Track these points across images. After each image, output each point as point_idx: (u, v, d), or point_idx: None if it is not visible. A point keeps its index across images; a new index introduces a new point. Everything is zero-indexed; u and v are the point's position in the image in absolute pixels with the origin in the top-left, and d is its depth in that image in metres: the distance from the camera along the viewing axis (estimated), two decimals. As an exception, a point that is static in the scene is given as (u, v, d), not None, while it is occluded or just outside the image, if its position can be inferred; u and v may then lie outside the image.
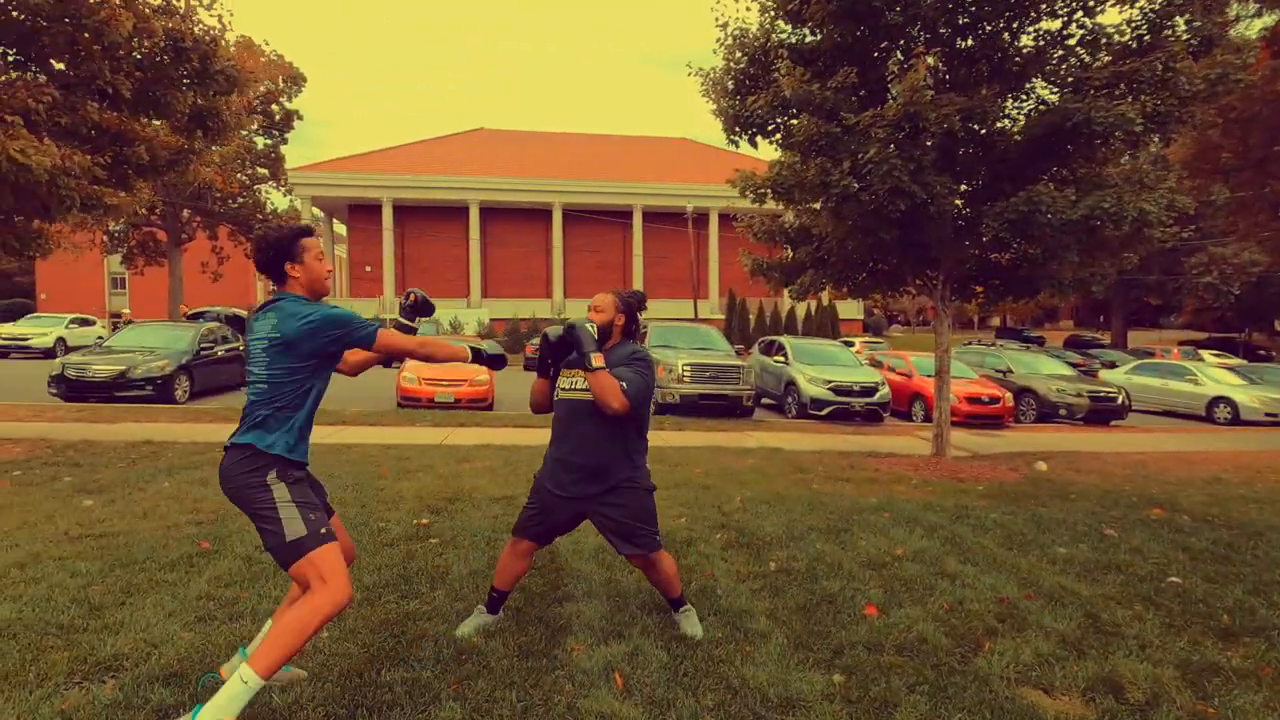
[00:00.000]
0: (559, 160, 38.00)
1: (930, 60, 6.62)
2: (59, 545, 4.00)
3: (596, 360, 2.80)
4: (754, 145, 7.87)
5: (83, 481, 5.63)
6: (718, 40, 7.54)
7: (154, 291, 38.07)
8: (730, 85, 7.60)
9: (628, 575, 3.83)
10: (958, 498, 6.21)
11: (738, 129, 7.61)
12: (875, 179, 6.41)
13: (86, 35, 6.50)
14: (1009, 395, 13.06)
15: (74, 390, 11.05)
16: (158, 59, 7.12)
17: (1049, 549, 4.63)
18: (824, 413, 12.19)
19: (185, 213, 29.97)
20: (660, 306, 34.67)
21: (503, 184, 34.86)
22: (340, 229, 40.94)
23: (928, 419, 12.70)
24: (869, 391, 12.44)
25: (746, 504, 5.61)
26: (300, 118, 31.88)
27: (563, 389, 3.03)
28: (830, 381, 12.41)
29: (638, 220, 36.08)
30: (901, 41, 7.21)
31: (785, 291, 8.89)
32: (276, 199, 34.48)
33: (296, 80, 31.37)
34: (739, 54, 7.47)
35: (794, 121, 7.22)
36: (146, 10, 6.95)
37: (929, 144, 6.67)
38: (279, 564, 2.34)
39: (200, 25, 7.40)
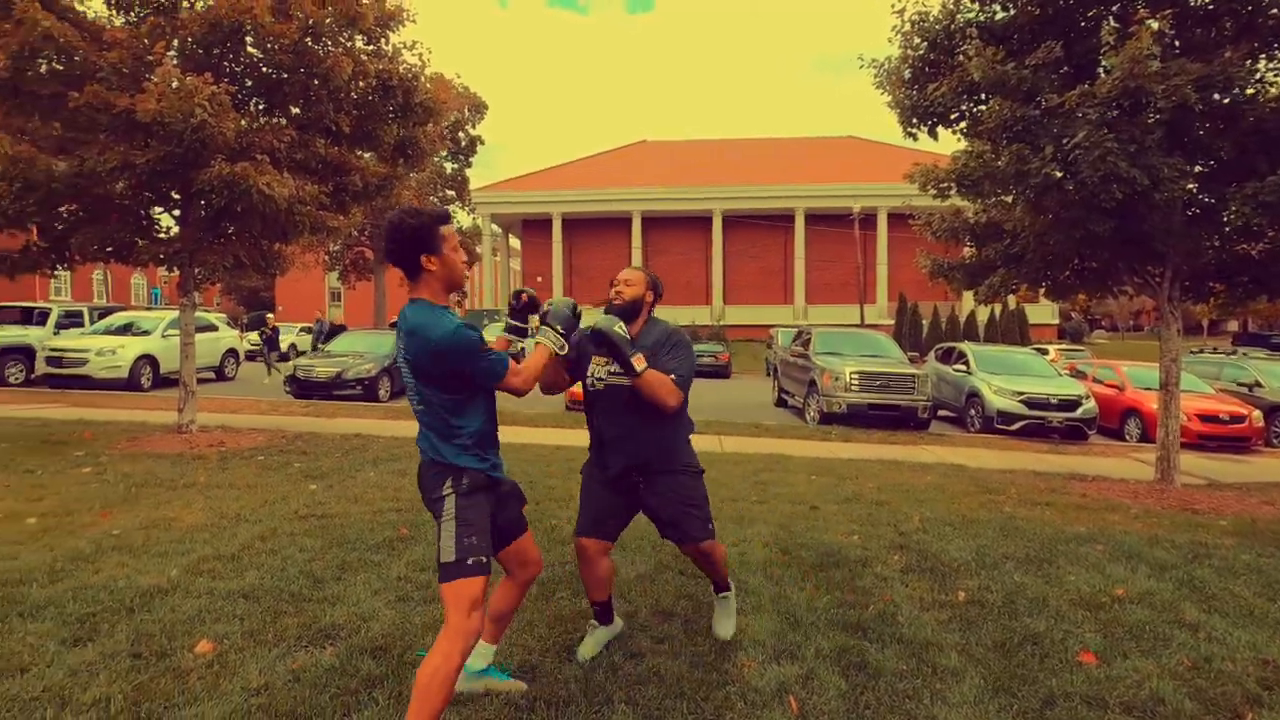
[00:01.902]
0: (719, 167, 38.08)
1: (1155, 24, 5.72)
2: (290, 523, 4.61)
3: (639, 363, 2.63)
4: (934, 136, 7.28)
5: (309, 468, 6.48)
6: (893, 28, 7.07)
7: (364, 302, 43.36)
8: (907, 74, 7.09)
9: (798, 591, 3.67)
10: (1193, 533, 5.27)
11: (915, 120, 7.08)
12: (1084, 165, 5.64)
13: (316, 82, 7.54)
14: (1257, 414, 10.96)
15: (302, 389, 12.87)
16: (370, 97, 8.10)
17: (1328, 604, 3.76)
18: (1014, 427, 10.99)
19: (388, 233, 33.91)
20: (824, 312, 33.49)
21: (663, 193, 35.61)
22: (515, 243, 44.11)
23: (1145, 439, 11.02)
24: (1070, 405, 11.01)
25: (926, 525, 5.16)
26: (482, 142, 34.76)
27: (598, 376, 2.83)
28: (1021, 393, 11.16)
29: (800, 223, 35.15)
30: (1115, 7, 6.33)
31: (965, 295, 8.15)
32: (461, 217, 37.86)
33: (479, 109, 34.25)
34: (918, 40, 6.95)
35: (982, 107, 6.59)
36: (363, 55, 7.93)
37: (1152, 121, 5.76)
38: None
39: (404, 65, 8.30)
